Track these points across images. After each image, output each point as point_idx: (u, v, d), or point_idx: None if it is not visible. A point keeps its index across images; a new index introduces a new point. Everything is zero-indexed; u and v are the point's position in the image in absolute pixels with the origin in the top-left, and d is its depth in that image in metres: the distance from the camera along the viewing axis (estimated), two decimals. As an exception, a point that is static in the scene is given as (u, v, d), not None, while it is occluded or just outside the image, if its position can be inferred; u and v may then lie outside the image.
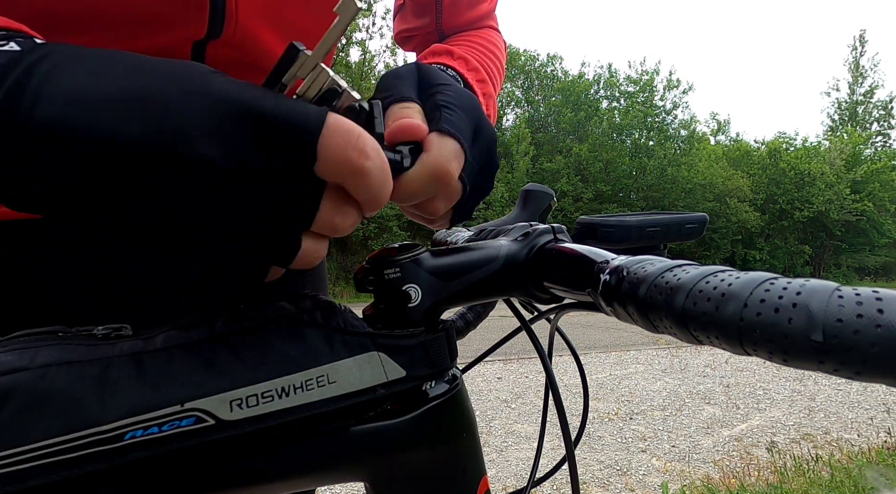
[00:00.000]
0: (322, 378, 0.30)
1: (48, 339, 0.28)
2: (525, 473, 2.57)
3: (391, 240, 11.24)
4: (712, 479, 2.53)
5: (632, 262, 0.27)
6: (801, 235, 20.74)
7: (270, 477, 0.31)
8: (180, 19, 0.41)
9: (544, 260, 0.35)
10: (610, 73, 19.92)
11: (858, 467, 2.55)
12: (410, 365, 0.32)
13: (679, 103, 20.16)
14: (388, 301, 0.34)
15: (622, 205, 18.18)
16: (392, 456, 0.34)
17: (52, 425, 0.25)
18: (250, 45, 0.45)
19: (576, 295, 0.32)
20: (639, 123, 18.77)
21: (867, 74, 28.05)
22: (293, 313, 0.32)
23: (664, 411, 3.61)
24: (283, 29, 0.47)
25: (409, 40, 0.70)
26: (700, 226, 0.43)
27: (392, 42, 13.12)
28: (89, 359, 0.27)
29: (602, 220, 0.41)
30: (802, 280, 0.20)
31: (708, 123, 26.19)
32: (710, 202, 18.16)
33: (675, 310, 0.23)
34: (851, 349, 0.17)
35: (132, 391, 0.27)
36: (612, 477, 2.56)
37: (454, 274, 0.35)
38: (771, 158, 20.59)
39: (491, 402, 3.70)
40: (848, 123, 27.80)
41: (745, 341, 0.20)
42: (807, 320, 0.18)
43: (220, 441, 0.28)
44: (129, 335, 0.30)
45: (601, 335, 6.58)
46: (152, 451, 0.27)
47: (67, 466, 0.25)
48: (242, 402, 0.28)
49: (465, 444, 0.36)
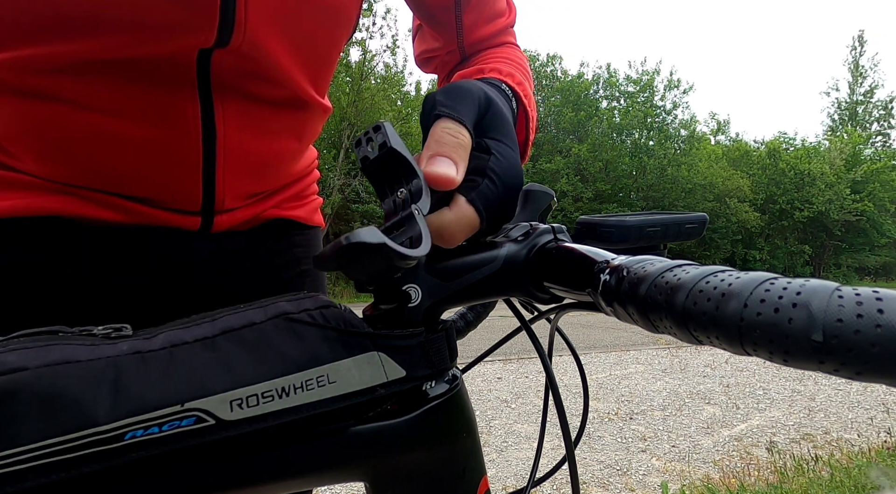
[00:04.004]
0: (322, 378, 0.30)
1: (48, 339, 0.28)
2: (525, 473, 2.57)
3: (391, 240, 11.14)
4: (712, 479, 2.53)
5: (632, 262, 0.27)
6: (801, 235, 20.74)
7: (270, 477, 0.31)
8: (190, 26, 0.41)
9: (544, 260, 0.35)
10: (609, 73, 19.92)
11: (858, 467, 2.55)
12: (410, 365, 0.32)
13: (679, 103, 20.18)
14: (389, 301, 0.34)
15: (622, 205, 18.17)
16: (392, 456, 0.34)
17: (51, 425, 0.25)
18: (256, 54, 0.45)
19: (576, 295, 0.32)
20: (639, 123, 18.77)
21: (867, 74, 28.06)
22: (293, 312, 0.31)
23: (664, 411, 3.61)
24: (291, 39, 0.47)
25: (430, 61, 0.69)
26: (700, 226, 0.43)
27: (392, 42, 13.13)
28: (89, 359, 0.27)
29: (602, 220, 0.41)
30: (802, 280, 0.20)
31: (708, 123, 26.20)
32: (710, 202, 18.16)
33: (676, 310, 0.23)
34: (852, 349, 0.17)
35: (132, 391, 0.27)
36: (612, 477, 2.56)
37: (454, 274, 0.35)
38: (771, 159, 20.59)
39: (491, 402, 3.70)
40: (848, 123, 27.80)
41: (746, 341, 0.20)
42: (807, 320, 0.18)
43: (220, 440, 0.28)
44: (129, 335, 0.30)
45: (601, 335, 6.58)
46: (152, 451, 0.27)
47: (67, 466, 0.25)
48: (243, 402, 0.28)
49: (464, 444, 0.36)
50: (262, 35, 0.44)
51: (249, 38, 0.43)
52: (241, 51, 0.44)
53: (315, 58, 0.52)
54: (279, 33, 0.46)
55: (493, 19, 0.64)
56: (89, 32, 0.39)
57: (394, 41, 13.05)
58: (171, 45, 0.42)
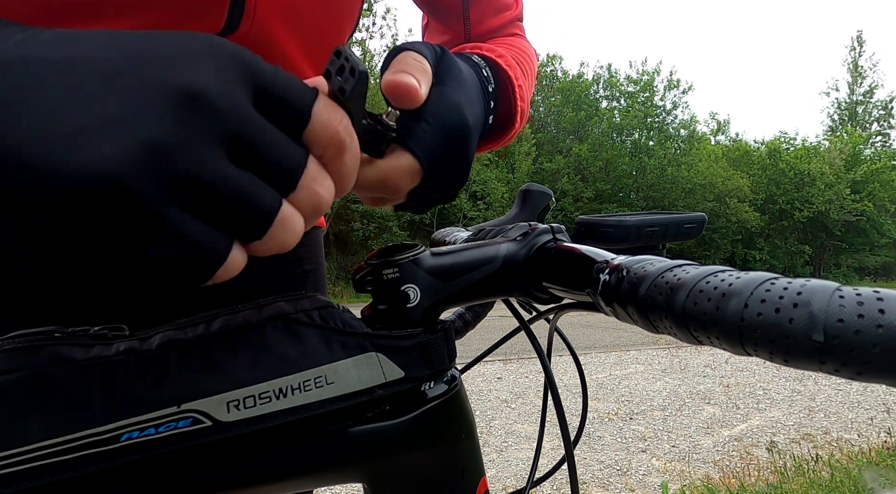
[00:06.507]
0: (320, 379, 0.30)
1: (44, 339, 0.28)
2: (525, 473, 2.57)
3: (391, 240, 11.24)
4: (712, 479, 2.53)
5: (632, 262, 0.27)
6: (801, 235, 20.76)
7: (268, 479, 0.31)
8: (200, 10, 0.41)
9: (543, 260, 0.35)
10: (610, 73, 19.93)
11: (858, 467, 2.55)
12: (409, 366, 0.32)
13: (679, 103, 20.20)
14: (387, 302, 0.34)
15: (622, 205, 18.18)
16: (390, 457, 0.34)
17: (47, 426, 0.25)
18: (264, 41, 0.45)
19: (575, 295, 0.32)
20: (639, 122, 18.78)
21: (866, 74, 28.09)
22: (291, 313, 0.31)
23: (664, 411, 3.61)
24: (298, 26, 0.47)
25: None
26: (699, 226, 0.43)
27: (392, 42, 13.13)
28: (85, 360, 0.27)
29: (601, 220, 0.41)
30: (803, 280, 0.20)
31: (708, 123, 26.25)
32: (710, 202, 18.17)
33: (676, 310, 0.23)
34: (853, 349, 0.17)
35: (128, 392, 0.27)
36: (612, 477, 2.56)
37: (453, 274, 0.35)
38: (771, 159, 20.61)
39: (491, 402, 3.70)
40: (848, 123, 27.82)
41: (746, 341, 0.20)
42: (808, 320, 0.18)
43: (218, 442, 0.28)
44: (125, 335, 0.30)
45: (601, 335, 6.58)
46: (149, 453, 0.27)
47: (63, 468, 0.25)
48: (240, 403, 0.28)
49: (463, 445, 0.36)
50: (269, 22, 0.44)
51: (258, 24, 0.43)
52: (249, 38, 0.44)
53: (320, 50, 0.52)
54: (286, 22, 0.46)
55: (500, 12, 0.65)
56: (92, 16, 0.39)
57: (394, 41, 13.08)
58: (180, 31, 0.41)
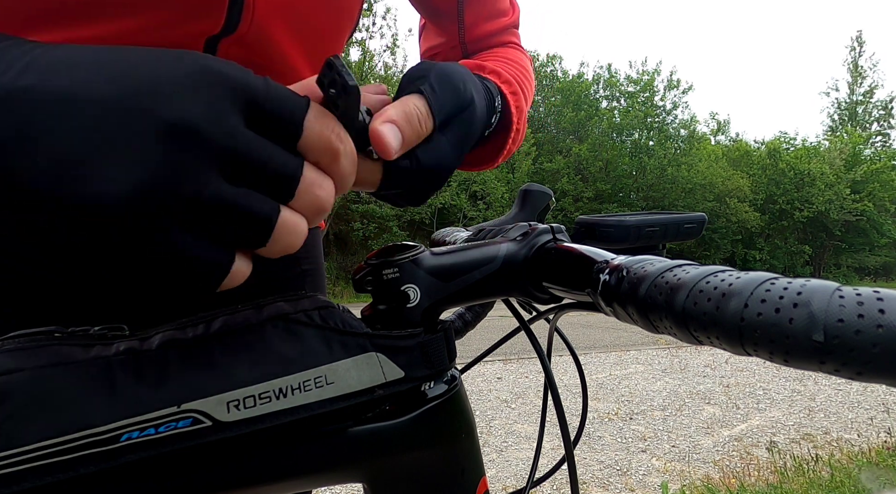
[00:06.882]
0: (320, 379, 0.30)
1: (44, 339, 0.28)
2: (525, 473, 2.57)
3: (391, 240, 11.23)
4: (712, 479, 2.53)
5: (632, 262, 0.27)
6: (801, 235, 20.75)
7: (268, 479, 0.31)
8: (199, 10, 0.41)
9: (543, 260, 0.35)
10: (610, 73, 19.92)
11: (858, 467, 2.55)
12: (409, 366, 0.32)
13: (679, 103, 20.19)
14: (387, 302, 0.34)
15: (622, 205, 18.18)
16: (390, 457, 0.34)
17: (47, 427, 0.25)
18: (262, 43, 0.45)
19: (575, 295, 0.32)
20: (639, 122, 18.78)
21: (866, 74, 28.08)
22: (291, 313, 0.31)
23: (664, 411, 3.61)
24: (297, 27, 0.47)
25: (435, 58, 0.71)
26: (699, 226, 0.43)
27: (392, 42, 13.13)
28: (85, 360, 0.27)
29: (601, 220, 0.41)
30: (803, 280, 0.20)
31: (708, 123, 26.22)
32: (710, 202, 18.17)
33: (676, 310, 0.23)
34: (853, 349, 0.17)
35: (128, 392, 0.27)
36: (612, 477, 2.56)
37: (453, 274, 0.35)
38: (771, 159, 20.60)
39: (491, 402, 3.70)
40: (848, 123, 27.82)
41: (746, 341, 0.20)
42: (808, 320, 0.18)
43: (218, 442, 0.28)
44: (125, 336, 0.30)
45: (601, 335, 6.58)
46: (149, 453, 0.27)
47: (63, 468, 0.25)
48: (240, 403, 0.28)
49: (463, 445, 0.36)
50: (268, 22, 0.44)
51: (256, 25, 0.43)
52: (247, 39, 0.44)
53: (320, 50, 0.52)
54: (285, 23, 0.46)
55: (495, 17, 0.65)
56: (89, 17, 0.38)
57: (394, 41, 13.10)
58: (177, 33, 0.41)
